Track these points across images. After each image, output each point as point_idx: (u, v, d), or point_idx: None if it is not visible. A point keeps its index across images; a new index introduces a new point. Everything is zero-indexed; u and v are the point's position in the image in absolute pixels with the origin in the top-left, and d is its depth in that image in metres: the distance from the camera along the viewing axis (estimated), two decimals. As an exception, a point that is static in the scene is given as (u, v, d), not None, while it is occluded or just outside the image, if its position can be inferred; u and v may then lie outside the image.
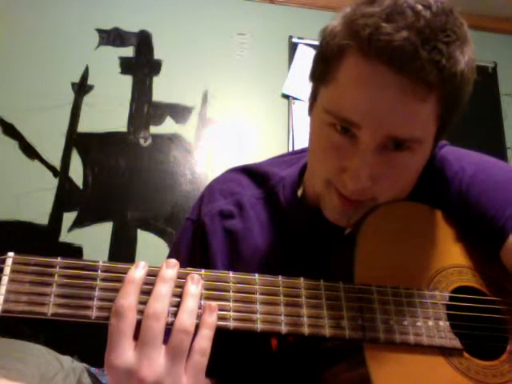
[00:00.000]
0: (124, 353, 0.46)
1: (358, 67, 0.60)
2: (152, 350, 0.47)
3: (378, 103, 0.59)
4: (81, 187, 2.11)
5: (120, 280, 0.50)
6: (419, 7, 0.57)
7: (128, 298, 0.48)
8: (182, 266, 0.53)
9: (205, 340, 0.49)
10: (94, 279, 0.50)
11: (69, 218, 2.06)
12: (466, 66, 0.60)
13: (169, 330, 0.49)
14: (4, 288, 0.45)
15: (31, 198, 2.04)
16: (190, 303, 0.50)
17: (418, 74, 0.57)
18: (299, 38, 2.44)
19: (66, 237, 2.03)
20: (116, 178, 2.15)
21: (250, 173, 0.82)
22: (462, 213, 0.69)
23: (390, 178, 0.64)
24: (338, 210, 0.67)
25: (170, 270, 0.51)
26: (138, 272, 0.50)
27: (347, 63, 0.61)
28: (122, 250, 2.05)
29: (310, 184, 0.74)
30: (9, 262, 0.47)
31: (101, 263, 0.50)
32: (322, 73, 0.65)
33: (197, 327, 0.50)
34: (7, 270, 0.46)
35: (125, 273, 0.50)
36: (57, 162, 2.12)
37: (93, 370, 1.61)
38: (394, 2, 0.58)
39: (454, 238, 0.69)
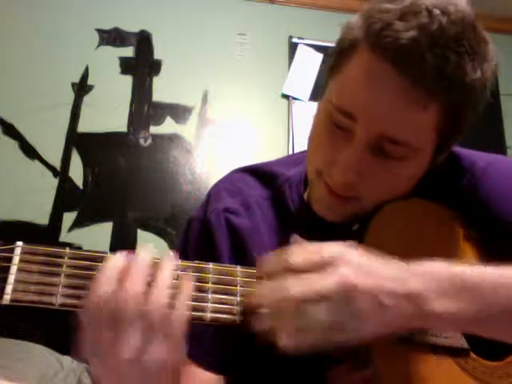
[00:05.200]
0: (101, 337, 0.46)
1: (364, 61, 0.59)
2: (127, 328, 0.47)
3: (377, 100, 0.59)
4: (81, 187, 2.11)
5: None
6: (437, 12, 0.55)
7: (102, 287, 0.48)
8: None
9: (181, 309, 0.49)
10: None
11: (69, 218, 2.05)
12: (477, 82, 0.58)
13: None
14: (13, 277, 0.45)
15: (31, 197, 2.03)
16: (163, 276, 0.50)
17: (420, 78, 0.56)
18: (299, 38, 2.44)
19: (66, 237, 2.02)
20: (116, 178, 2.15)
21: (256, 173, 0.82)
22: (472, 207, 0.69)
23: (378, 180, 0.63)
24: (324, 201, 0.67)
25: (144, 253, 0.51)
26: (115, 261, 0.50)
27: (356, 56, 0.61)
28: (122, 251, 2.04)
29: None
30: (17, 251, 0.46)
31: (108, 254, 0.50)
32: (333, 65, 0.65)
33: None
34: (16, 259, 0.46)
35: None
36: (57, 162, 2.11)
37: (93, 370, 1.60)
38: (412, 2, 0.57)
39: (462, 236, 0.69)
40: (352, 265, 0.50)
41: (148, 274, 0.50)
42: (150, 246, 0.52)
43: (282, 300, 0.50)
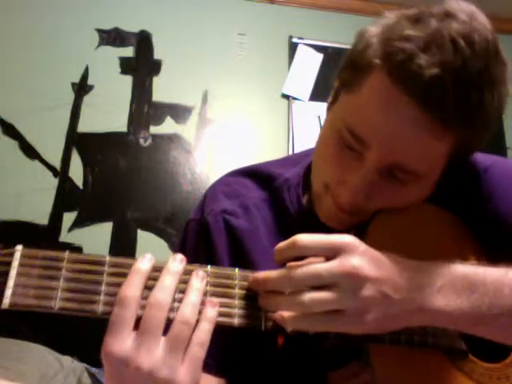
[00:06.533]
0: (123, 341, 0.46)
1: (382, 89, 0.58)
2: (151, 340, 0.46)
3: (394, 132, 0.58)
4: (81, 187, 2.11)
5: (127, 275, 0.49)
6: (461, 43, 0.54)
7: (133, 288, 0.48)
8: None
9: (204, 333, 0.49)
10: (101, 274, 0.49)
11: (69, 218, 2.05)
12: (494, 109, 0.58)
13: (170, 323, 0.49)
14: (12, 281, 0.45)
15: (31, 197, 2.03)
16: (193, 297, 0.50)
17: (441, 115, 0.56)
18: (299, 38, 2.44)
19: (65, 237, 2.02)
20: (116, 178, 2.15)
21: (254, 175, 0.81)
22: (473, 208, 0.69)
23: (385, 199, 0.64)
24: (331, 214, 0.68)
25: (177, 263, 0.51)
26: (144, 263, 0.50)
27: (374, 80, 0.59)
28: (122, 250, 2.05)
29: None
30: (17, 255, 0.46)
31: (108, 258, 0.50)
32: (347, 78, 0.64)
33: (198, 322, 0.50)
34: (15, 263, 0.46)
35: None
36: (57, 162, 2.11)
37: (93, 370, 1.60)
38: (436, 30, 0.55)
39: (463, 238, 0.69)
40: (364, 255, 0.51)
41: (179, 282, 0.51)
42: (180, 257, 0.52)
43: (288, 282, 0.51)
